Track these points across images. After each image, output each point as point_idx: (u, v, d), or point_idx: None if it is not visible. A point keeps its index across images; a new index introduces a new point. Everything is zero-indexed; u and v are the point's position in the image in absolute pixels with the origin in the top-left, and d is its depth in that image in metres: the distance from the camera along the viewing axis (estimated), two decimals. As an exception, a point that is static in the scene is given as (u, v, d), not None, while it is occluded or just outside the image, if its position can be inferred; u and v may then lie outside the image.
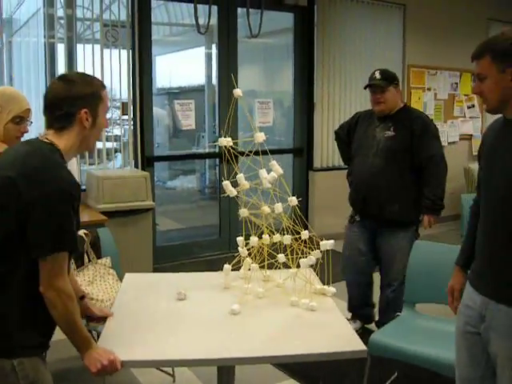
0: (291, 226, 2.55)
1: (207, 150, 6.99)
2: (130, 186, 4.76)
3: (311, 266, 2.55)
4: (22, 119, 2.55)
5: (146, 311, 2.30)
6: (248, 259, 2.67)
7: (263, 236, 2.61)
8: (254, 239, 2.60)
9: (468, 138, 8.33)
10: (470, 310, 2.15)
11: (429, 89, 7.78)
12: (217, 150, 6.23)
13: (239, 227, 2.63)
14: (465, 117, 8.27)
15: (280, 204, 2.52)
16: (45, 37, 5.14)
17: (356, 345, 2.09)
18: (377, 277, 4.07)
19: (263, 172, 2.51)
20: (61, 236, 1.79)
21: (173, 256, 5.72)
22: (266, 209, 2.55)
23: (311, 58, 6.64)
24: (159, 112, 6.88)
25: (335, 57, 6.80)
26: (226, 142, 2.50)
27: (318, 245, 2.51)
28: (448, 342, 2.95)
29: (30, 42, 5.21)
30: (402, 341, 2.97)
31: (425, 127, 3.74)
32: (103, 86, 2.01)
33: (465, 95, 8.22)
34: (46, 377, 1.88)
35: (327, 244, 2.49)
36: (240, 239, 2.69)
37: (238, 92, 2.54)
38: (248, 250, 2.65)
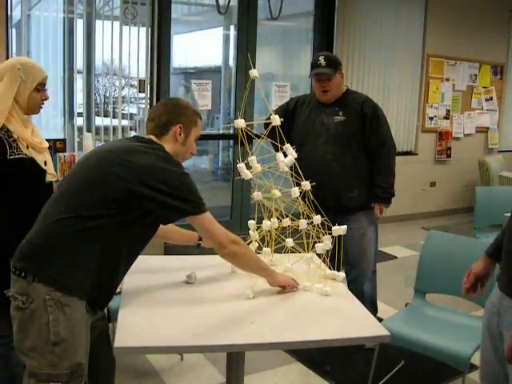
0: (305, 211, 2.53)
1: (221, 131, 6.98)
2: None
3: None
4: (42, 86, 2.58)
5: (156, 296, 2.29)
6: (255, 243, 2.66)
7: (272, 219, 2.60)
8: (266, 223, 2.59)
9: (485, 130, 8.27)
10: (493, 305, 2.16)
11: (447, 79, 7.70)
12: (231, 131, 6.21)
13: (251, 209, 2.64)
14: (482, 109, 8.20)
15: (297, 188, 2.52)
16: (64, 12, 5.13)
17: (379, 330, 2.09)
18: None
19: (280, 155, 2.49)
20: None
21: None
22: (276, 192, 2.54)
23: (330, 43, 6.57)
24: (177, 91, 6.87)
25: (355, 43, 6.75)
26: (241, 123, 2.48)
27: (330, 230, 2.50)
28: (456, 332, 2.97)
29: (48, 16, 5.19)
30: (411, 329, 2.98)
31: (375, 111, 3.63)
32: (199, 116, 2.36)
33: (483, 87, 8.14)
34: (80, 324, 1.98)
35: (340, 229, 2.48)
36: (251, 222, 2.67)
37: (254, 72, 2.52)
38: (259, 233, 2.64)
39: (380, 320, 3.00)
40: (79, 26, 5.24)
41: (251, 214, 2.67)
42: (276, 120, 2.51)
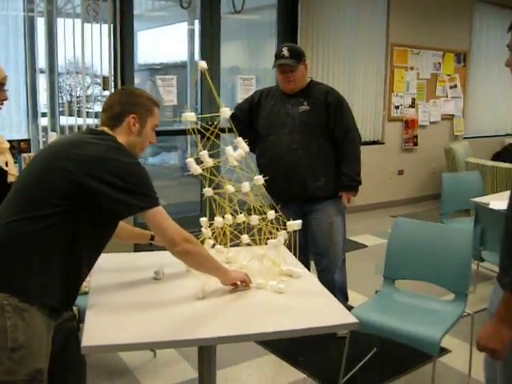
0: (258, 207, 2.48)
1: (188, 126, 6.93)
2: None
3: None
4: (1, 86, 2.54)
5: (124, 293, 2.26)
6: (209, 240, 2.61)
7: (225, 216, 2.55)
8: (218, 220, 2.54)
9: (450, 117, 8.38)
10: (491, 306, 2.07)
11: (412, 68, 7.79)
12: (199, 126, 6.18)
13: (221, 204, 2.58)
14: (447, 97, 8.30)
15: (247, 183, 2.46)
16: (24, 10, 5.04)
17: (347, 318, 2.09)
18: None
19: (229, 149, 2.45)
20: None
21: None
22: (230, 188, 2.50)
23: (294, 35, 6.59)
24: (143, 88, 6.81)
25: (319, 34, 6.77)
26: (190, 117, 2.44)
27: (285, 225, 2.44)
28: (426, 317, 3.01)
29: (8, 15, 5.10)
30: (381, 316, 3.00)
31: (340, 101, 3.66)
32: (156, 104, 2.28)
33: (447, 75, 8.24)
34: (39, 332, 1.91)
35: (294, 224, 2.42)
36: (203, 220, 2.62)
37: (202, 64, 2.48)
38: (212, 230, 2.60)
39: (351, 308, 3.02)
40: (40, 24, 5.16)
41: (220, 209, 2.61)
42: (226, 113, 2.45)
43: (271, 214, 2.47)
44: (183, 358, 3.44)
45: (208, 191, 2.54)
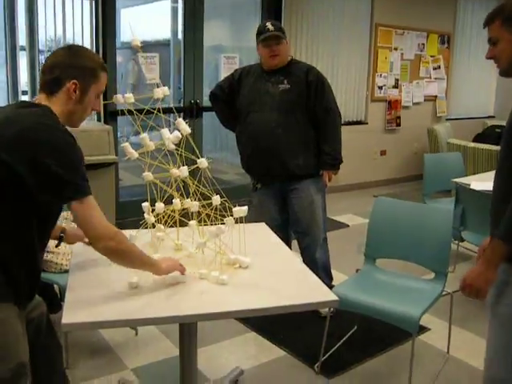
0: (199, 191, 2.37)
1: (172, 105, 6.90)
2: (93, 139, 4.65)
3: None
4: None
5: (104, 272, 2.23)
6: (156, 226, 2.50)
7: (173, 201, 2.45)
8: (159, 205, 2.45)
9: (433, 99, 8.40)
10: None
11: (395, 48, 7.77)
12: (182, 105, 6.14)
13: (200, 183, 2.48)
14: (430, 78, 8.31)
15: (185, 167, 2.37)
16: (3, -15, 4.97)
17: (327, 295, 2.10)
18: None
19: (166, 132, 2.36)
20: None
21: (135, 211, 5.67)
22: (174, 172, 2.37)
23: (278, 13, 6.55)
24: (126, 66, 6.75)
25: (303, 14, 6.73)
26: (121, 98, 2.29)
27: (231, 211, 2.28)
28: (406, 296, 3.04)
29: (-13, -10, 5.02)
30: (362, 294, 3.03)
31: (320, 79, 3.64)
32: (104, 68, 2.01)
33: (431, 56, 8.24)
34: (14, 327, 1.86)
35: (241, 211, 2.27)
36: (145, 205, 2.49)
37: (136, 41, 2.32)
38: (156, 216, 2.48)
39: (332, 287, 3.04)
40: (20, 0, 5.08)
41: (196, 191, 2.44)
42: (158, 93, 2.35)
43: (216, 200, 2.33)
44: (164, 335, 3.45)
45: (148, 175, 2.43)
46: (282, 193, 3.79)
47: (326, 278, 3.76)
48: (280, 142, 3.60)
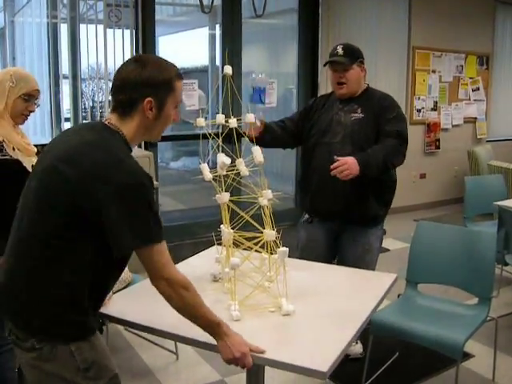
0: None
1: (210, 131, 6.96)
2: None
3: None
4: (30, 97, 2.58)
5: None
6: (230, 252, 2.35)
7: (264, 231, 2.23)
8: (225, 230, 2.31)
9: (472, 121, 8.30)
10: None
11: (433, 71, 7.73)
12: (220, 130, 6.20)
13: (242, 208, 2.42)
14: (469, 100, 8.23)
15: (269, 191, 2.29)
16: (48, 17, 5.12)
17: (320, 365, 1.73)
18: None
19: (222, 156, 2.35)
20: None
21: (175, 236, 5.73)
22: (263, 200, 2.28)
23: (315, 38, 6.58)
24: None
25: (340, 37, 6.73)
26: (201, 122, 2.41)
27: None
28: (449, 321, 2.99)
29: (32, 22, 5.17)
30: (404, 320, 2.99)
31: (393, 105, 3.24)
32: (178, 76, 1.84)
33: (470, 78, 8.17)
34: (104, 353, 1.83)
35: (283, 252, 2.16)
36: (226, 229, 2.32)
37: (227, 69, 2.36)
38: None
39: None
40: (63, 30, 5.23)
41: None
42: (250, 118, 2.41)
43: (270, 235, 2.19)
44: (204, 360, 3.45)
45: (223, 197, 2.35)
46: (337, 231, 3.38)
47: None
48: (349, 179, 2.98)
